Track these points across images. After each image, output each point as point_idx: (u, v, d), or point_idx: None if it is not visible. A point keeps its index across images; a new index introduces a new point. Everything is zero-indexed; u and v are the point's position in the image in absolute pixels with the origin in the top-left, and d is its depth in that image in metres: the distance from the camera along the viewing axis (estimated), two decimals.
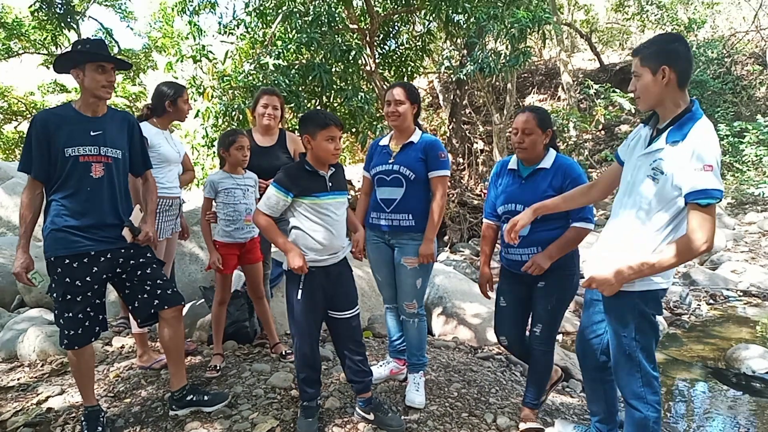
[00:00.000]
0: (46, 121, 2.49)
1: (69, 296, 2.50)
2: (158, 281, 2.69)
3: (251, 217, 3.33)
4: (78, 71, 2.53)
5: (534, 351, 2.87)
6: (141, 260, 2.69)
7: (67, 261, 2.48)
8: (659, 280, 2.16)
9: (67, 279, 2.48)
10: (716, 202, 1.96)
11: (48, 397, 3.06)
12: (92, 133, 2.55)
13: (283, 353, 3.54)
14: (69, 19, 11.19)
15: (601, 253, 2.29)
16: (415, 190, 2.96)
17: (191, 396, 2.79)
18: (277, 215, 2.58)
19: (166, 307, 2.67)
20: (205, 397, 2.81)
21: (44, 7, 10.42)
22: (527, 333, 2.94)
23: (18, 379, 3.40)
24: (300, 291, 2.56)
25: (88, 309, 2.56)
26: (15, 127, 19.95)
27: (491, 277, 3.06)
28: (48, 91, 19.91)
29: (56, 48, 15.38)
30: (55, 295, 2.52)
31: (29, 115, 19.16)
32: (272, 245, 3.86)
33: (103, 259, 2.56)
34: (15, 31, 16.95)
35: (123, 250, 2.63)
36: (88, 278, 2.52)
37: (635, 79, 2.17)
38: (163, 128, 3.51)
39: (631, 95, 2.29)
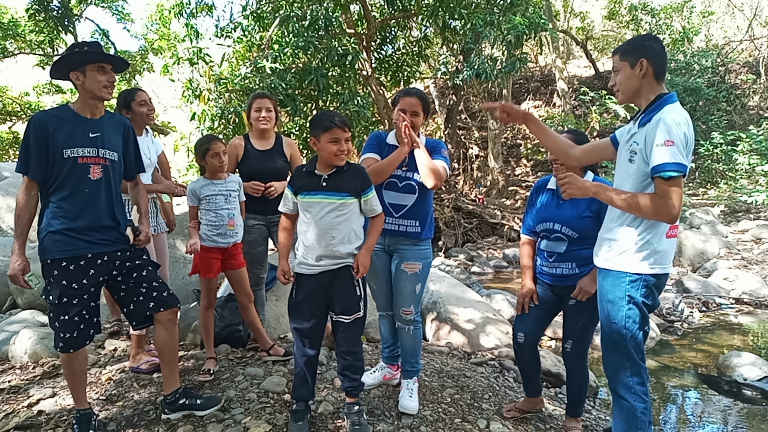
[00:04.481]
0: (45, 122, 2.47)
1: (65, 299, 2.48)
2: (154, 283, 2.69)
3: (234, 221, 3.34)
4: (77, 74, 2.52)
5: (568, 366, 2.98)
6: (137, 262, 2.68)
7: (64, 263, 2.47)
8: (646, 266, 2.22)
9: (64, 282, 2.47)
10: (678, 175, 2.06)
11: (39, 400, 3.04)
12: (91, 135, 2.54)
13: (286, 352, 3.54)
14: (66, 22, 11.18)
15: (599, 235, 2.45)
16: (425, 196, 2.97)
17: (184, 400, 2.77)
18: (293, 212, 2.70)
19: (161, 309, 2.66)
20: (198, 401, 2.80)
21: (41, 10, 10.41)
22: (556, 348, 2.98)
23: (9, 382, 3.37)
24: (294, 290, 2.66)
25: (84, 312, 2.55)
26: (9, 128, 19.86)
27: (535, 290, 3.01)
28: (43, 91, 19.87)
29: (52, 50, 15.34)
30: (51, 297, 2.50)
31: (24, 116, 19.10)
32: (269, 249, 3.88)
33: (99, 261, 2.56)
34: (11, 32, 16.89)
35: (119, 253, 2.63)
36: (84, 281, 2.51)
37: (615, 74, 2.34)
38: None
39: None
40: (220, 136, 3.96)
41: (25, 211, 2.51)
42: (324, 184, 2.57)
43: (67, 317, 2.50)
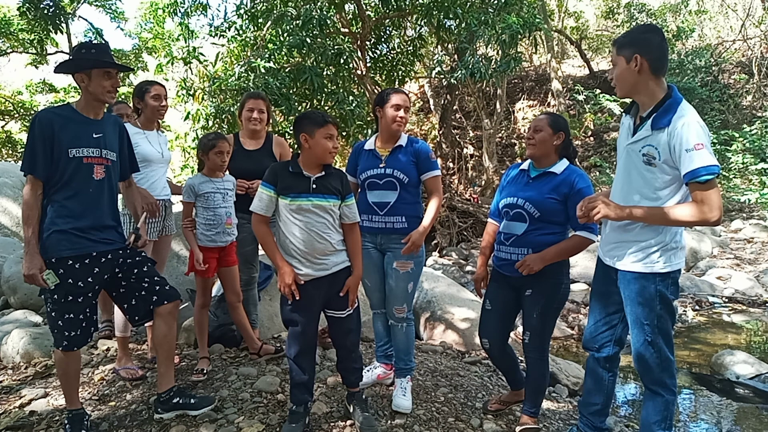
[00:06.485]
0: (50, 121, 2.47)
1: (71, 297, 2.49)
2: (155, 278, 2.73)
3: (231, 220, 3.33)
4: (83, 76, 2.53)
5: (528, 358, 2.89)
6: (137, 259, 2.72)
7: (71, 262, 2.48)
8: (673, 263, 2.27)
9: (70, 280, 2.48)
10: (713, 178, 2.05)
11: (31, 400, 3.03)
12: (95, 135, 2.57)
13: (276, 349, 3.56)
14: (58, 21, 11.08)
15: (616, 238, 2.40)
16: (408, 193, 3.00)
17: (177, 399, 2.77)
18: (269, 214, 2.56)
19: (165, 302, 2.69)
20: (191, 401, 2.79)
21: (32, 8, 10.32)
22: (518, 340, 2.97)
23: (0, 382, 3.35)
24: (286, 300, 2.58)
25: (87, 310, 2.57)
26: (2, 127, 19.72)
27: (486, 275, 3.04)
28: (36, 90, 19.70)
29: (42, 50, 15.23)
30: (56, 296, 2.49)
31: (17, 115, 18.97)
32: (259, 248, 3.86)
33: (104, 259, 2.58)
34: (3, 30, 16.76)
35: (120, 251, 2.66)
36: (89, 279, 2.52)
37: (612, 68, 2.32)
38: (145, 128, 3.48)
39: (622, 100, 2.38)
40: None
41: (34, 210, 2.49)
42: (314, 186, 2.53)
43: (72, 315, 2.51)
